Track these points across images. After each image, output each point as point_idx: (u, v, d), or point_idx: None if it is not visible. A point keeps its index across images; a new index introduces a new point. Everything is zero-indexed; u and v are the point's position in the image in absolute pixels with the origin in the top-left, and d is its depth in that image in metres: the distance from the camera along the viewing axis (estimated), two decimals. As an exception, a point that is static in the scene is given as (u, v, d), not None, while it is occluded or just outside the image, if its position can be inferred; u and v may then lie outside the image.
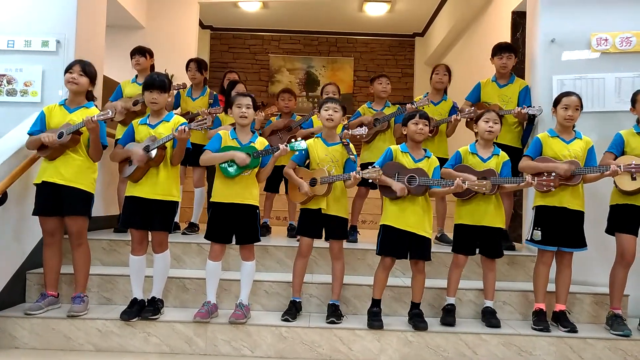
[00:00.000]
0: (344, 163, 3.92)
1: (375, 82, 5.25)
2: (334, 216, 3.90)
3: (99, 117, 3.69)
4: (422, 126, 3.82)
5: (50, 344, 3.71)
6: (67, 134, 3.73)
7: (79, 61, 3.92)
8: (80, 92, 3.91)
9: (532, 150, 4.01)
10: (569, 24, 4.70)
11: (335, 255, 3.97)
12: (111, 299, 4.15)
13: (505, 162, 3.95)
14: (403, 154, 3.88)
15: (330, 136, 3.99)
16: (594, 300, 4.16)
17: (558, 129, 4.01)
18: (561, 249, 3.90)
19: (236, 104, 3.84)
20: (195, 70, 5.41)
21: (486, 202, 3.87)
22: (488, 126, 3.92)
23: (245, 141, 3.84)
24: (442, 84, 5.17)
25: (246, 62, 11.17)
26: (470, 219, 3.90)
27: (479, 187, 3.62)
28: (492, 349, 3.74)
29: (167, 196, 3.78)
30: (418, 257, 3.80)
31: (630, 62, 4.61)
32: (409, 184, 3.73)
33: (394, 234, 3.77)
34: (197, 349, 3.74)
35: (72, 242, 3.86)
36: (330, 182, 3.81)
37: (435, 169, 3.85)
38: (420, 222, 3.76)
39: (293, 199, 4.05)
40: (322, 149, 3.94)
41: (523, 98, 4.78)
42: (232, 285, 4.09)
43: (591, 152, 3.94)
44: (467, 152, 4.00)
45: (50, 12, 4.76)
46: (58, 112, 3.92)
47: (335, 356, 3.74)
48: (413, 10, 9.85)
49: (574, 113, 3.91)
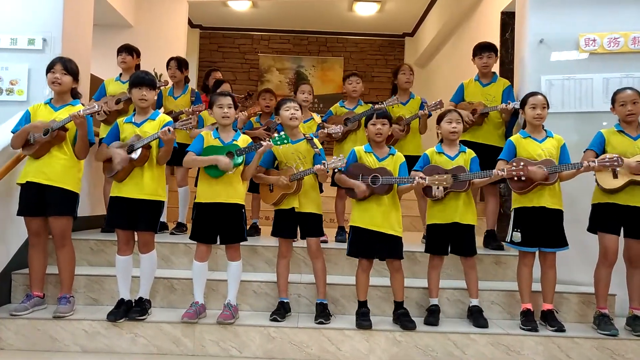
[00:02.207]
0: (312, 159, 3.93)
1: (346, 81, 5.29)
2: (307, 213, 3.91)
3: (85, 111, 3.66)
4: (379, 126, 3.82)
5: (36, 345, 3.68)
6: (52, 130, 3.69)
7: (59, 59, 3.87)
8: (64, 91, 3.88)
9: (506, 154, 4.00)
10: (557, 24, 4.71)
11: (314, 254, 3.96)
12: (98, 299, 4.12)
13: (473, 159, 3.97)
14: (367, 154, 3.88)
15: (293, 134, 3.99)
16: (581, 299, 4.18)
17: (529, 130, 4.02)
18: (542, 249, 3.91)
19: (217, 104, 3.83)
20: (175, 68, 5.39)
21: (456, 200, 3.87)
22: (452, 127, 3.93)
23: (228, 140, 3.83)
24: (409, 83, 5.19)
25: (235, 62, 11.13)
26: (442, 217, 3.90)
27: (439, 181, 3.63)
28: (481, 348, 3.75)
29: (153, 196, 3.76)
30: (389, 256, 3.80)
31: (618, 63, 4.63)
32: (373, 184, 3.73)
33: (363, 235, 3.78)
34: (185, 349, 3.72)
35: (55, 242, 3.82)
36: (299, 177, 3.83)
37: (401, 165, 3.85)
38: (387, 221, 3.76)
39: (265, 200, 4.05)
40: (288, 147, 3.93)
41: (506, 97, 4.79)
42: (220, 286, 4.07)
43: (564, 149, 3.96)
44: (434, 152, 4.01)
45: (37, 9, 4.71)
46: (43, 111, 3.88)
47: (324, 356, 3.73)
48: (403, 10, 9.86)
49: (542, 111, 3.94)
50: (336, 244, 4.78)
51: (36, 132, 3.72)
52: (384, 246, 3.77)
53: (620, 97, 3.93)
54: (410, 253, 4.40)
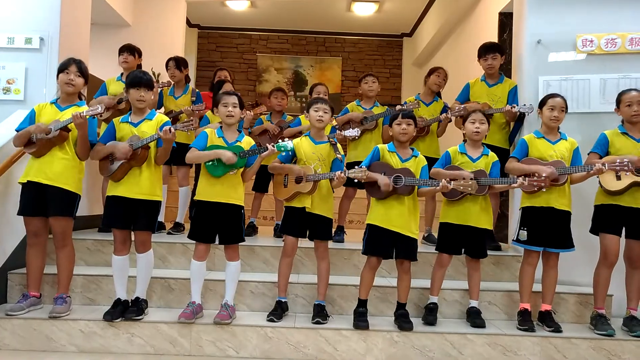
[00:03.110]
0: (331, 162, 3.91)
1: (362, 81, 5.31)
2: (318, 216, 3.88)
3: (88, 112, 3.63)
4: (405, 126, 3.82)
5: (32, 345, 3.67)
6: (55, 130, 3.67)
7: (74, 61, 3.84)
8: (76, 92, 3.88)
9: (519, 152, 4.02)
10: (555, 25, 4.72)
11: (320, 256, 3.95)
12: (95, 299, 4.11)
13: (495, 163, 3.96)
14: (390, 154, 3.87)
15: (318, 135, 3.97)
16: (578, 300, 4.19)
17: (544, 130, 4.03)
18: (547, 249, 3.91)
19: (222, 103, 3.81)
20: (174, 68, 5.37)
21: (474, 203, 3.87)
22: (475, 127, 3.93)
23: (232, 140, 3.81)
24: (438, 86, 5.23)
25: (234, 62, 11.11)
26: (457, 218, 3.90)
27: (464, 187, 3.63)
28: (478, 348, 3.75)
29: (150, 196, 3.75)
30: (403, 257, 3.79)
31: (615, 64, 4.65)
32: (395, 184, 3.72)
33: (380, 234, 3.77)
34: (182, 349, 3.71)
35: (56, 243, 3.80)
36: (316, 180, 3.79)
37: (423, 168, 3.85)
38: (406, 223, 3.76)
39: (278, 195, 4.03)
40: (310, 146, 3.92)
41: (512, 98, 4.80)
42: (218, 286, 4.06)
43: (576, 153, 3.97)
44: (457, 152, 4.00)
45: (34, 8, 4.70)
46: (49, 111, 3.85)
47: (321, 357, 3.73)
48: (401, 10, 9.86)
49: (559, 114, 3.95)
50: (334, 244, 4.77)
51: (39, 132, 3.70)
52: (399, 247, 3.77)
53: (626, 98, 3.94)
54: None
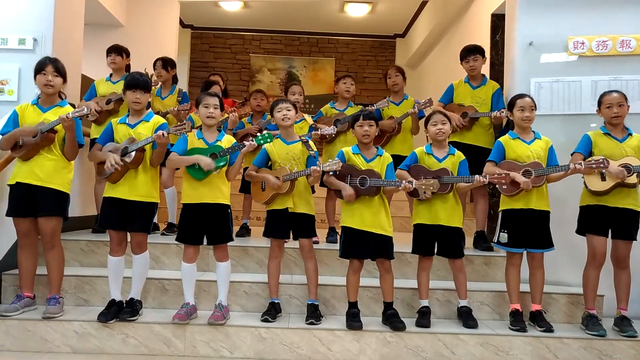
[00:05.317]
0: (305, 160, 3.93)
1: (340, 81, 5.32)
2: (301, 214, 3.91)
3: (74, 114, 3.65)
4: (366, 128, 3.84)
5: (26, 346, 3.67)
6: (41, 133, 3.67)
7: (49, 60, 3.83)
8: (55, 92, 3.87)
9: (495, 154, 4.04)
10: (546, 27, 4.75)
11: (307, 254, 3.97)
12: (89, 300, 4.11)
13: (462, 162, 3.98)
14: (355, 155, 3.90)
15: (288, 135, 4.00)
16: (569, 300, 4.22)
17: (518, 131, 4.07)
18: (529, 250, 3.95)
19: (203, 104, 3.82)
20: (160, 68, 5.37)
21: (442, 201, 3.89)
22: (437, 129, 3.96)
23: (212, 140, 3.83)
24: (397, 85, 5.21)
25: (227, 62, 11.12)
26: (427, 217, 3.92)
27: (426, 186, 3.66)
28: (470, 348, 3.77)
29: (146, 197, 3.76)
30: (380, 256, 3.82)
31: (606, 66, 4.68)
32: (361, 186, 3.75)
33: (355, 235, 3.79)
34: (176, 350, 3.72)
35: (44, 244, 3.80)
36: (293, 178, 3.82)
37: (388, 166, 3.87)
38: (377, 221, 3.78)
39: (257, 200, 4.07)
40: (282, 148, 3.95)
41: (496, 100, 4.83)
42: (211, 286, 4.07)
43: (552, 151, 4.00)
44: (423, 152, 4.03)
45: (28, 9, 4.68)
46: (31, 112, 3.84)
47: (315, 357, 3.75)
48: (394, 11, 9.89)
49: (530, 114, 3.98)
50: (327, 245, 4.81)
51: (25, 135, 3.69)
52: (375, 246, 3.79)
53: (606, 100, 3.98)
54: (400, 254, 4.40)
